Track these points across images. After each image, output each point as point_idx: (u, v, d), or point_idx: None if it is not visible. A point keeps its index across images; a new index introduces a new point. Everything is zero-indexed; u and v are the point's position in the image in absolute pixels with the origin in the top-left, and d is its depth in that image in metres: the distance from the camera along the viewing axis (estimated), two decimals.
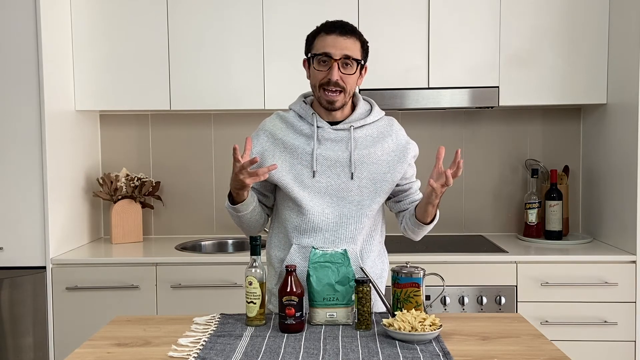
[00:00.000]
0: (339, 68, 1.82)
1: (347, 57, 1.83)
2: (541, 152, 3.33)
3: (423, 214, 1.91)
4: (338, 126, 1.90)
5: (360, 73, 1.90)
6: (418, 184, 2.04)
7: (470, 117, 3.34)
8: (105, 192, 3.15)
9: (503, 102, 2.96)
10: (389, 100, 2.94)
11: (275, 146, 1.91)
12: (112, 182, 3.13)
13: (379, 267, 1.98)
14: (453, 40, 2.96)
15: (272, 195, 2.01)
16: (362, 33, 1.92)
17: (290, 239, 1.92)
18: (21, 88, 2.73)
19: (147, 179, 3.22)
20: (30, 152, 2.75)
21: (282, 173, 1.89)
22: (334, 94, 1.84)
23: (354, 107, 1.95)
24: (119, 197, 3.14)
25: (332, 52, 1.82)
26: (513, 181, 3.36)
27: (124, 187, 3.14)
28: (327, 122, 1.91)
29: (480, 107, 3.02)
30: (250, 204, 1.89)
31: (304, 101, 1.96)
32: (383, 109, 1.99)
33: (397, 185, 1.96)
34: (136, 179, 3.17)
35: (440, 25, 2.96)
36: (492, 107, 3.04)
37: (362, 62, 1.88)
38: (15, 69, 2.73)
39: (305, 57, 1.92)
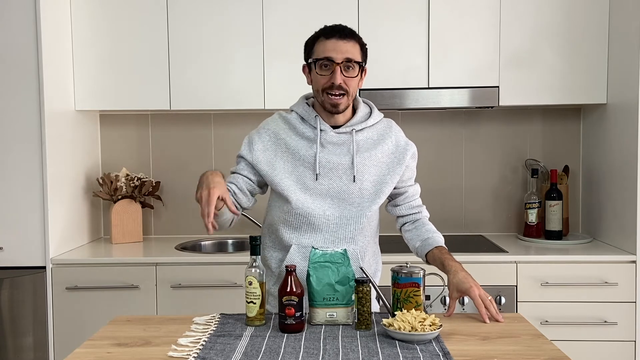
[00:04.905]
0: (341, 71, 1.83)
1: (348, 60, 1.83)
2: (541, 152, 3.33)
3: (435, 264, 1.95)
4: (340, 129, 1.90)
5: (361, 76, 1.91)
6: (416, 188, 2.04)
7: (470, 117, 3.34)
8: (105, 192, 3.15)
9: (503, 102, 2.96)
10: (389, 100, 2.94)
11: (277, 146, 1.92)
12: (112, 182, 3.13)
13: (373, 267, 1.99)
14: (453, 40, 2.96)
15: (253, 198, 1.99)
16: (362, 34, 1.92)
17: (290, 239, 1.92)
18: (21, 88, 2.73)
19: (147, 179, 3.22)
20: (30, 152, 2.75)
21: (283, 175, 1.89)
22: (338, 98, 1.84)
23: (354, 110, 1.95)
24: (119, 197, 3.14)
25: (333, 56, 1.82)
26: (513, 181, 3.36)
27: (124, 187, 3.14)
28: (329, 125, 1.91)
29: (480, 107, 3.02)
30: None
31: (306, 103, 1.96)
32: (383, 109, 2.00)
33: (395, 187, 1.97)
34: (136, 178, 3.17)
35: (440, 25, 2.96)
36: (492, 107, 3.04)
37: (363, 65, 1.89)
38: (15, 68, 2.73)
39: (305, 62, 1.92)
